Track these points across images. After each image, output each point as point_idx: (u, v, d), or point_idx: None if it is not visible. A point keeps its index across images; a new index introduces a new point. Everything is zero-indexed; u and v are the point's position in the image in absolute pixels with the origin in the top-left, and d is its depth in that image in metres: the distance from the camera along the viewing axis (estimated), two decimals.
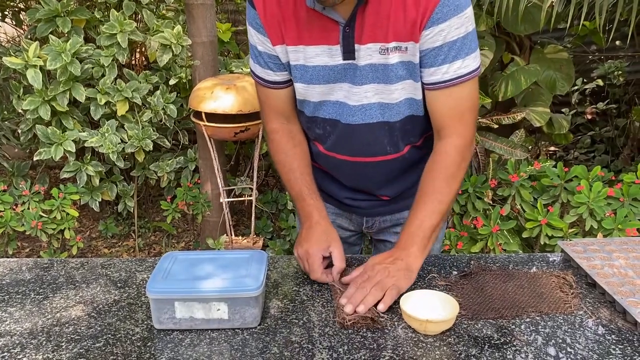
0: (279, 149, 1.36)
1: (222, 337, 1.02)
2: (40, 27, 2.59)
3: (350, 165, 1.34)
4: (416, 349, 0.98)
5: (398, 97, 1.21)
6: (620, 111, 4.30)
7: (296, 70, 1.24)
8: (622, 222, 1.98)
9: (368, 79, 1.19)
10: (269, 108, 1.37)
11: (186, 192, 2.82)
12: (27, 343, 1.00)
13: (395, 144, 1.30)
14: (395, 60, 1.16)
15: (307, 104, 1.29)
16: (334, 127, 1.29)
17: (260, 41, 1.25)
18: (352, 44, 1.16)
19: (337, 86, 1.22)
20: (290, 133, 1.37)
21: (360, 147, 1.30)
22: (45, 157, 2.52)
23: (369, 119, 1.24)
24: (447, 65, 1.15)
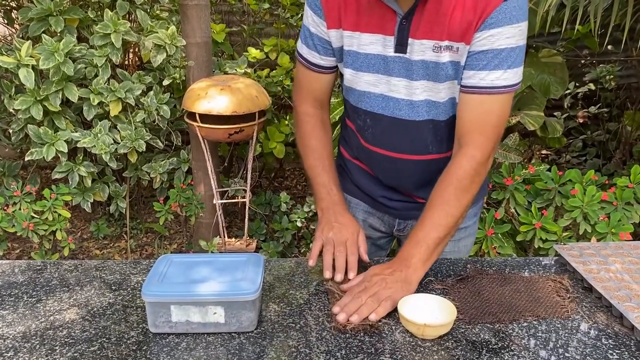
0: (312, 134, 1.37)
1: (218, 341, 1.01)
2: (32, 26, 2.57)
3: (390, 161, 1.33)
4: (414, 354, 0.97)
5: (444, 96, 1.22)
6: (612, 115, 4.33)
7: (348, 55, 1.25)
8: (615, 225, 1.99)
9: (420, 75, 1.19)
10: (306, 91, 1.38)
11: (179, 194, 2.80)
12: (20, 347, 0.99)
13: (439, 145, 1.29)
14: (446, 59, 1.16)
15: (352, 92, 1.30)
16: (376, 121, 1.29)
17: (315, 23, 1.27)
18: (406, 37, 1.16)
19: (385, 78, 1.23)
20: (322, 121, 1.38)
21: (403, 143, 1.29)
22: (37, 157, 2.49)
23: (416, 115, 1.24)
24: (487, 72, 1.14)
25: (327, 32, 1.26)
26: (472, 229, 1.49)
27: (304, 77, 1.37)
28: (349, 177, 1.47)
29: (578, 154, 4.27)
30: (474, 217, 1.47)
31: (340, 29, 1.24)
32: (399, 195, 1.40)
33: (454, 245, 1.44)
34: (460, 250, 1.46)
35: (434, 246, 1.16)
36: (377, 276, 1.13)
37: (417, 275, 1.14)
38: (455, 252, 1.45)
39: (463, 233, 1.45)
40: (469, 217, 1.43)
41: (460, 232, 1.43)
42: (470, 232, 1.48)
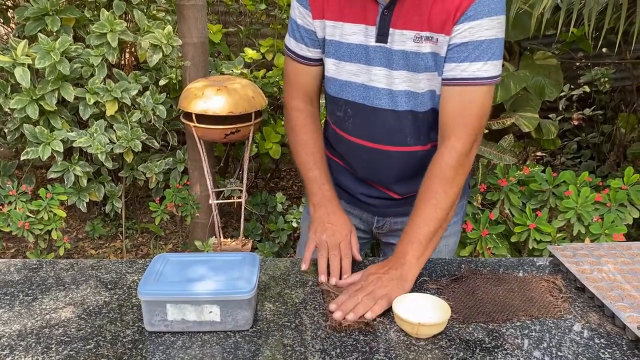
0: (303, 129, 1.38)
1: (214, 339, 1.01)
2: (28, 26, 2.56)
3: (369, 152, 1.33)
4: (408, 352, 0.98)
5: (424, 87, 1.23)
6: (606, 117, 4.36)
7: (330, 45, 1.26)
8: (609, 227, 2.00)
9: (400, 65, 1.21)
10: (295, 84, 1.39)
11: (175, 194, 2.80)
12: (16, 345, 0.99)
13: (417, 137, 1.30)
14: (427, 50, 1.18)
15: (333, 83, 1.31)
16: (356, 110, 1.30)
17: (301, 14, 1.29)
18: (387, 27, 1.18)
19: (366, 68, 1.24)
20: (313, 115, 1.40)
21: (382, 133, 1.30)
22: (33, 157, 2.49)
23: (395, 105, 1.26)
24: (468, 64, 1.16)
25: (313, 23, 1.28)
26: (454, 228, 1.49)
27: (293, 71, 1.38)
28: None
29: (573, 156, 4.29)
30: (455, 217, 1.44)
31: (323, 19, 1.26)
32: (377, 191, 1.41)
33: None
34: (441, 250, 1.46)
35: (426, 241, 1.17)
36: (373, 275, 1.14)
37: (412, 272, 1.15)
38: (436, 252, 1.42)
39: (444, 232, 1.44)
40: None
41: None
42: (451, 232, 1.47)
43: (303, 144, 1.38)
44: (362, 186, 1.42)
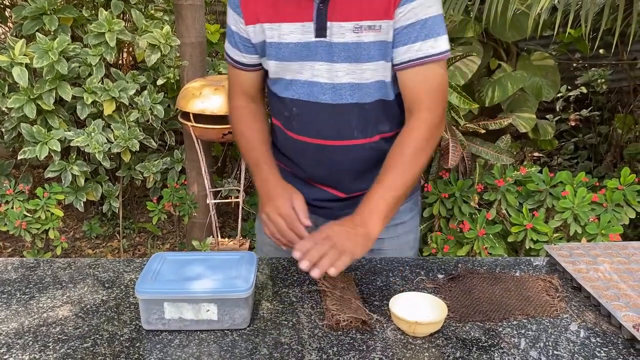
0: (242, 121, 1.39)
1: (211, 338, 1.01)
2: (26, 25, 2.57)
3: (317, 149, 1.33)
4: (405, 351, 0.98)
5: (369, 77, 1.23)
6: (603, 118, 4.37)
7: (271, 47, 1.25)
8: (605, 227, 2.01)
9: (341, 58, 1.21)
10: (235, 87, 1.41)
11: (173, 193, 2.80)
12: (13, 343, 0.99)
13: (364, 129, 1.30)
14: (368, 39, 1.18)
15: (278, 83, 1.31)
16: (302, 108, 1.29)
17: (235, 21, 1.29)
18: (324, 21, 1.18)
19: (309, 64, 1.24)
20: (253, 111, 1.40)
21: (328, 129, 1.29)
22: (30, 156, 2.49)
23: (340, 98, 1.25)
24: (420, 43, 1.18)
25: (246, 29, 1.27)
26: (411, 224, 1.48)
27: (232, 76, 1.40)
28: None
29: (570, 156, 4.31)
30: (410, 212, 1.47)
31: (259, 24, 1.25)
32: (327, 193, 1.40)
33: (394, 243, 1.44)
34: (402, 247, 1.46)
35: (393, 204, 1.17)
36: (340, 227, 1.12)
37: (376, 232, 1.14)
38: (397, 250, 1.45)
39: (401, 229, 1.45)
40: (404, 212, 1.44)
41: (398, 228, 1.44)
42: (410, 227, 1.48)
43: (243, 136, 1.38)
44: (313, 191, 1.40)
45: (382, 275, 1.24)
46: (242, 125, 1.39)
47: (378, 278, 1.23)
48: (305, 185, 1.41)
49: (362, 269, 1.27)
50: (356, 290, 1.16)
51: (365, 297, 1.15)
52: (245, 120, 1.39)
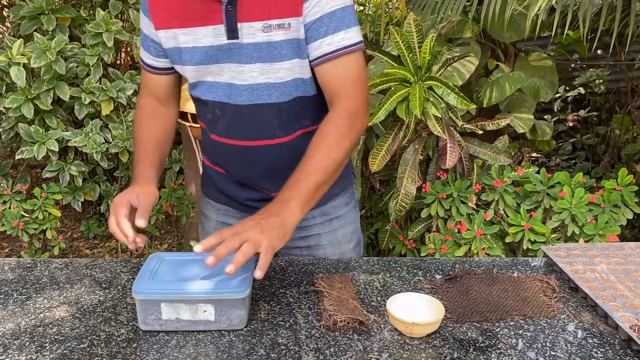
0: (137, 122, 1.40)
1: (208, 338, 1.01)
2: (24, 25, 2.56)
3: (241, 151, 1.32)
4: (402, 352, 0.98)
5: (284, 76, 1.23)
6: (601, 119, 4.38)
7: (186, 52, 1.25)
8: (602, 227, 2.00)
9: (253, 58, 1.21)
10: (144, 89, 1.42)
11: (171, 193, 2.80)
12: (9, 344, 0.99)
13: (285, 127, 1.30)
14: (279, 38, 1.19)
15: (200, 86, 1.30)
16: (224, 110, 1.29)
17: (146, 25, 1.29)
18: (234, 22, 1.18)
19: (226, 66, 1.24)
20: (155, 110, 1.40)
21: (250, 130, 1.29)
22: (28, 156, 2.49)
23: (257, 99, 1.25)
24: (330, 37, 1.18)
25: (157, 33, 1.27)
26: (349, 217, 1.47)
27: (144, 77, 1.40)
28: (213, 185, 1.47)
29: (568, 157, 4.31)
30: (345, 206, 1.47)
31: (171, 29, 1.24)
32: (259, 193, 1.39)
33: (331, 237, 1.45)
34: (340, 241, 1.45)
35: (313, 189, 1.12)
36: (252, 221, 1.04)
37: (294, 219, 1.08)
38: (335, 244, 1.45)
39: (337, 223, 1.45)
40: (339, 207, 1.45)
41: (334, 222, 1.44)
42: (348, 220, 1.47)
43: (135, 138, 1.39)
44: (246, 191, 1.40)
45: (380, 276, 1.24)
46: (136, 125, 1.41)
47: (375, 278, 1.23)
48: (238, 186, 1.41)
49: (359, 269, 1.27)
50: (353, 290, 1.16)
51: (363, 298, 1.15)
52: (140, 121, 1.40)
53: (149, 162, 1.31)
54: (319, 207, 1.42)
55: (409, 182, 2.17)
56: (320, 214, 1.43)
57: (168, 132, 1.42)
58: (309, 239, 1.45)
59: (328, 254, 1.45)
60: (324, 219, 1.44)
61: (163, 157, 1.37)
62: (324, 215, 1.44)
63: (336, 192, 1.44)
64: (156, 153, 1.34)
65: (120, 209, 1.15)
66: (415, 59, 2.07)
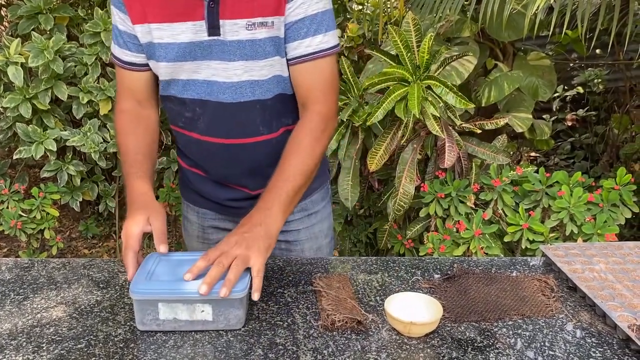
0: (121, 130, 1.33)
1: (206, 338, 1.01)
2: (22, 24, 2.56)
3: (224, 149, 1.31)
4: (400, 351, 0.98)
5: (267, 73, 1.23)
6: (600, 118, 4.38)
7: (160, 48, 1.22)
8: (601, 227, 2.01)
9: (237, 56, 1.20)
10: (123, 90, 1.35)
11: (169, 193, 2.79)
12: (6, 344, 0.99)
13: (269, 124, 1.30)
14: (262, 35, 1.19)
15: (174, 84, 1.27)
16: (205, 108, 1.27)
17: (121, 20, 1.25)
18: (216, 19, 1.17)
19: (205, 63, 1.22)
20: (137, 115, 1.34)
21: (233, 127, 1.28)
22: (26, 156, 2.48)
23: (241, 97, 1.25)
24: (310, 39, 1.20)
25: (134, 27, 1.23)
26: (324, 212, 1.50)
27: (120, 77, 1.34)
28: (191, 187, 1.46)
29: (566, 156, 4.31)
30: (322, 201, 1.48)
31: (147, 24, 1.21)
32: (239, 192, 1.39)
33: (309, 232, 1.46)
34: (317, 235, 1.47)
35: (293, 194, 1.16)
36: (235, 236, 1.06)
37: (276, 226, 1.11)
38: (313, 238, 1.47)
39: (314, 218, 1.47)
40: (316, 202, 1.46)
41: (312, 218, 1.46)
42: (323, 215, 1.49)
43: (120, 146, 1.33)
44: (224, 191, 1.39)
45: (378, 275, 1.24)
46: (120, 135, 1.33)
47: (373, 278, 1.23)
48: (217, 186, 1.40)
49: (357, 269, 1.27)
50: (352, 290, 1.16)
51: (361, 297, 1.15)
52: (124, 130, 1.33)
53: (144, 175, 1.26)
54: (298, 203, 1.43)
55: (408, 182, 2.17)
56: (300, 210, 1.44)
57: (154, 137, 1.37)
58: (287, 234, 1.46)
59: (305, 249, 1.47)
60: (302, 215, 1.45)
61: (154, 163, 1.35)
62: (303, 211, 1.45)
63: (314, 188, 1.45)
64: (147, 162, 1.30)
65: (130, 245, 1.10)
66: (413, 58, 2.07)
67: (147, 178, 1.26)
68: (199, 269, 1.02)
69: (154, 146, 1.36)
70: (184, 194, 1.51)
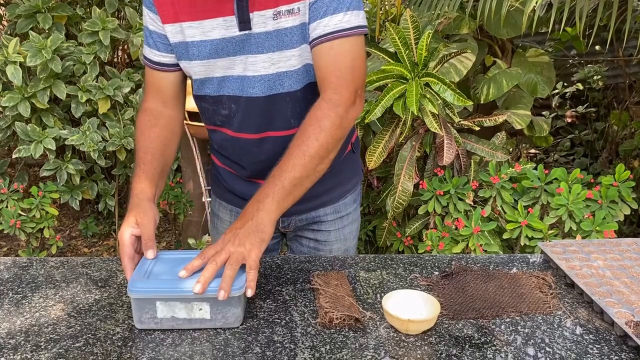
0: (138, 129, 1.32)
1: (204, 336, 1.01)
2: (20, 23, 2.55)
3: (256, 144, 1.30)
4: (398, 349, 0.98)
5: (296, 63, 1.21)
6: (599, 115, 4.38)
7: (193, 47, 1.22)
8: (600, 223, 2.01)
9: (265, 48, 1.18)
10: (151, 90, 1.34)
11: (168, 192, 2.80)
12: (5, 343, 0.99)
13: (300, 116, 1.23)
14: (288, 24, 1.16)
15: (210, 83, 1.26)
16: (239, 104, 1.26)
17: (152, 20, 1.25)
18: (247, 13, 1.16)
19: (237, 59, 1.21)
20: (158, 114, 1.32)
21: (264, 121, 1.27)
22: (25, 155, 2.48)
23: (270, 90, 1.23)
24: (328, 18, 1.14)
25: (164, 27, 1.23)
26: (355, 214, 1.51)
27: (150, 78, 1.34)
28: (224, 186, 1.46)
29: (566, 153, 4.31)
30: (353, 203, 1.49)
31: (178, 23, 1.21)
32: None
33: (340, 234, 1.47)
34: (346, 237, 1.48)
35: (290, 186, 1.10)
36: (229, 233, 1.06)
37: (269, 218, 1.07)
38: (342, 240, 1.47)
39: (346, 220, 1.47)
40: (349, 204, 1.46)
41: (344, 219, 1.46)
42: (354, 217, 1.50)
43: (135, 146, 1.31)
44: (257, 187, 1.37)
45: (376, 273, 1.24)
46: (137, 133, 1.32)
47: (371, 275, 1.23)
48: (249, 184, 1.39)
49: (355, 267, 1.27)
50: (349, 287, 1.16)
51: (359, 295, 1.15)
52: (139, 129, 1.31)
53: (145, 175, 1.24)
54: (331, 205, 1.43)
55: (406, 179, 2.17)
56: (333, 212, 1.45)
57: (171, 138, 1.34)
58: (318, 233, 1.46)
59: (334, 250, 1.48)
60: (335, 217, 1.45)
61: (164, 166, 1.29)
62: (336, 212, 1.45)
63: (347, 190, 1.45)
64: (154, 163, 1.26)
65: (124, 251, 1.10)
66: (411, 55, 2.06)
67: (148, 178, 1.23)
68: (193, 267, 1.03)
69: (170, 146, 1.33)
70: (217, 192, 1.51)
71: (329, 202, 1.43)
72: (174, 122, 1.36)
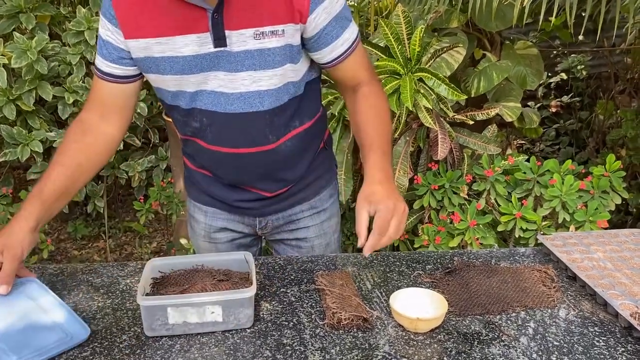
0: (63, 138, 1.27)
1: (212, 341, 1.00)
2: (2, 24, 2.50)
3: (233, 158, 1.30)
4: (407, 347, 0.98)
5: (277, 82, 1.21)
6: (584, 104, 4.42)
7: (164, 62, 1.18)
8: (593, 214, 2.03)
9: (244, 66, 1.18)
10: (91, 97, 1.29)
11: (159, 192, 2.77)
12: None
13: (278, 132, 1.28)
14: (272, 45, 1.16)
15: (182, 96, 1.24)
16: (212, 119, 1.25)
17: (110, 32, 1.20)
18: (222, 30, 1.14)
19: (212, 75, 1.19)
20: (88, 129, 1.26)
21: (241, 137, 1.26)
22: (11, 158, 2.43)
23: (249, 107, 1.22)
24: (340, 39, 1.23)
25: (125, 42, 1.19)
26: (333, 209, 1.52)
27: (95, 86, 1.28)
28: (199, 188, 1.45)
29: (552, 142, 4.35)
30: (330, 198, 1.49)
31: (144, 39, 1.17)
32: (250, 194, 1.38)
33: (318, 229, 1.48)
34: (326, 232, 1.49)
35: (389, 153, 1.26)
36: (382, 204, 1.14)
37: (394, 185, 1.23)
38: (322, 235, 1.49)
39: (324, 215, 1.48)
40: (325, 199, 1.47)
41: (321, 215, 1.47)
42: (332, 212, 1.51)
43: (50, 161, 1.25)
44: (234, 193, 1.39)
45: (379, 271, 1.24)
46: (61, 142, 1.26)
47: (375, 274, 1.23)
48: (229, 189, 1.39)
49: (358, 265, 1.27)
50: (355, 287, 1.16)
51: (364, 294, 1.15)
52: (65, 138, 1.26)
53: (39, 195, 1.16)
54: (307, 202, 1.43)
55: (401, 174, 2.18)
56: (309, 208, 1.44)
57: (91, 159, 1.26)
58: (297, 232, 1.46)
59: (315, 245, 1.48)
60: (312, 212, 1.45)
61: (68, 187, 1.21)
62: (312, 209, 1.45)
63: (322, 185, 1.45)
64: (57, 183, 1.19)
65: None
66: (404, 50, 2.06)
67: (41, 200, 1.16)
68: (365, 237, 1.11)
69: (86, 167, 1.25)
70: (191, 193, 1.50)
71: (304, 199, 1.43)
72: (104, 140, 1.28)
